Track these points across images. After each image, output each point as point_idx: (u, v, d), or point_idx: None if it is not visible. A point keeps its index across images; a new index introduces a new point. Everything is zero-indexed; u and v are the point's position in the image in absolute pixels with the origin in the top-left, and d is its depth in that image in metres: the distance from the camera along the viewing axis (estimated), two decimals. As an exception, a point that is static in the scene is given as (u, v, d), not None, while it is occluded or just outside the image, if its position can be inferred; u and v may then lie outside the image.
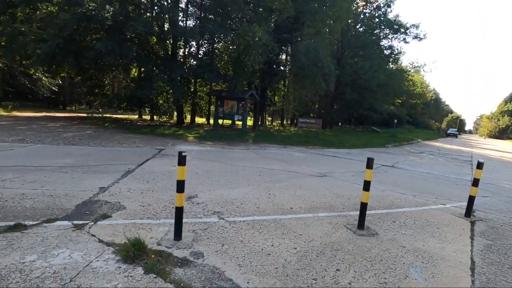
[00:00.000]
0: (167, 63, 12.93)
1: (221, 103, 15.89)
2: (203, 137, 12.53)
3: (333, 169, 7.65)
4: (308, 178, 6.26)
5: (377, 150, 13.93)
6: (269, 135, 14.65)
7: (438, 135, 42.51)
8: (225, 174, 5.94)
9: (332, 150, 12.02)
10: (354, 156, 10.75)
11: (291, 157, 9.08)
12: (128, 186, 4.62)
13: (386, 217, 4.14)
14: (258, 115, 18.63)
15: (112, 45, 10.87)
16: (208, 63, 14.80)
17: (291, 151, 10.64)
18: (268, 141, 12.79)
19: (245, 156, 8.69)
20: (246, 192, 4.78)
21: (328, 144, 13.65)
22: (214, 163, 7.04)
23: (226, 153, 8.93)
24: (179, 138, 11.84)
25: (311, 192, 5.07)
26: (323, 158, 9.61)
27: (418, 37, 21.81)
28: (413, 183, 6.71)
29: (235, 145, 11.08)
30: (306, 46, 14.04)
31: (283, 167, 7.22)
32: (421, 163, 10.46)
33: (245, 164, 7.20)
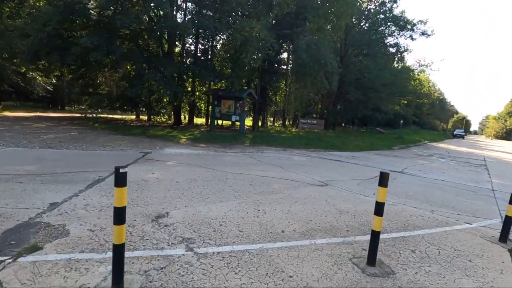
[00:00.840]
0: (160, 61, 12.17)
1: (218, 102, 15.12)
2: (197, 139, 11.76)
3: (336, 176, 6.81)
4: (306, 188, 5.43)
5: (383, 153, 13.04)
6: (268, 136, 13.83)
7: (445, 136, 41.35)
8: (211, 184, 5.14)
9: (334, 153, 11.17)
10: (359, 160, 9.90)
11: (290, 162, 8.26)
12: (87, 200, 3.84)
13: (402, 243, 3.30)
14: (257, 116, 17.81)
15: (99, 40, 10.14)
16: (203, 60, 14.00)
17: (290, 155, 9.82)
18: (266, 143, 11.98)
19: (238, 160, 7.88)
20: (231, 208, 3.98)
21: (331, 147, 12.80)
22: (201, 170, 6.25)
23: (218, 157, 8.13)
24: (171, 140, 11.08)
25: (309, 208, 4.25)
26: (325, 162, 8.77)
27: (425, 34, 20.85)
28: (428, 193, 5.85)
29: (230, 148, 10.29)
30: (307, 42, 13.21)
31: (279, 174, 6.40)
32: (432, 168, 9.58)
33: (237, 171, 6.40)
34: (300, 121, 15.71)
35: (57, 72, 17.82)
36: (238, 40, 11.95)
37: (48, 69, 16.49)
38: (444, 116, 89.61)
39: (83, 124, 13.81)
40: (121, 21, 9.90)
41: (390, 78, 20.69)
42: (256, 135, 14.14)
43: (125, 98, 12.60)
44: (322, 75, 13.80)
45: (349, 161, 9.47)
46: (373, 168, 8.43)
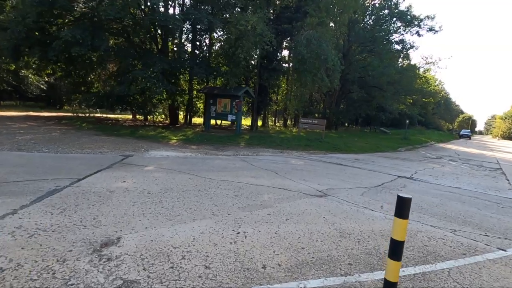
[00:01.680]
0: (149, 57, 11.43)
1: (214, 101, 14.34)
2: (188, 140, 10.99)
3: (337, 183, 5.98)
4: (302, 199, 4.62)
5: (389, 155, 12.18)
6: (266, 137, 13.02)
7: (451, 136, 40.23)
8: (188, 195, 4.35)
9: (336, 156, 10.34)
10: (363, 163, 9.06)
11: (286, 166, 7.44)
12: (23, 221, 3.06)
13: (424, 284, 2.48)
14: (256, 115, 17.00)
15: (83, 34, 9.40)
16: (197, 56, 13.21)
17: (287, 158, 9.00)
18: (263, 145, 11.17)
19: (228, 164, 7.08)
20: (204, 229, 3.18)
21: (332, 148, 11.96)
22: (182, 177, 5.46)
23: (207, 161, 7.34)
24: (160, 141, 10.32)
25: (303, 228, 3.44)
26: (326, 167, 7.94)
27: (433, 30, 19.88)
28: (445, 206, 5.01)
29: (222, 150, 9.50)
30: (308, 36, 12.38)
31: (272, 182, 5.60)
32: (444, 172, 8.70)
33: (223, 178, 5.61)
34: (300, 121, 14.88)
35: (49, 70, 17.14)
36: (233, 34, 11.15)
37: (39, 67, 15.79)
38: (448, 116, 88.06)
39: (70, 124, 13.11)
40: (105, 12, 9.16)
41: (396, 75, 19.77)
42: (253, 135, 13.34)
43: (114, 97, 11.87)
44: (323, 72, 12.96)
45: (352, 164, 8.63)
46: (379, 173, 7.59)
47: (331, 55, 12.69)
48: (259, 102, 16.68)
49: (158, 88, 10.84)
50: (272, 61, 15.52)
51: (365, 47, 22.17)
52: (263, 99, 16.94)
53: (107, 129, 12.23)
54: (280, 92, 26.19)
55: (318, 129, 14.48)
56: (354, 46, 21.62)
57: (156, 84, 10.69)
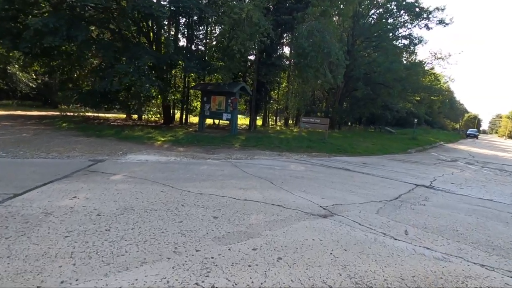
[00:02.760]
0: (135, 49, 10.38)
1: (208, 99, 13.28)
2: (177, 141, 9.94)
3: (345, 195, 4.90)
4: (301, 222, 3.54)
5: (399, 157, 11.06)
6: (264, 137, 11.94)
7: (459, 136, 38.94)
8: (150, 218, 3.29)
9: (342, 159, 9.24)
10: (373, 168, 7.96)
11: (284, 173, 6.36)
12: None
13: None
14: (254, 114, 15.92)
15: (57, 22, 8.37)
16: (188, 49, 12.12)
17: (286, 162, 7.92)
18: (259, 146, 10.10)
19: (215, 171, 6.01)
20: (150, 284, 2.12)
21: (336, 150, 10.87)
22: (153, 189, 4.41)
23: (191, 167, 6.28)
24: (145, 143, 9.27)
25: (300, 274, 2.37)
26: (330, 173, 6.85)
27: (443, 22, 18.66)
28: (486, 229, 3.91)
29: (213, 153, 8.44)
30: (309, 28, 11.27)
31: (265, 195, 4.53)
32: (466, 179, 7.58)
33: (205, 190, 4.55)
34: (302, 120, 13.79)
35: (36, 67, 16.15)
36: (227, 24, 10.07)
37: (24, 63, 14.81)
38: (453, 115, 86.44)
39: (50, 123, 12.10)
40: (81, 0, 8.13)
41: (403, 72, 18.60)
42: (250, 136, 12.26)
43: (97, 94, 10.84)
44: (325, 67, 11.84)
45: (361, 170, 7.53)
46: (393, 180, 6.50)
47: (334, 49, 11.57)
48: (257, 100, 15.60)
49: (144, 84, 9.80)
50: (271, 56, 14.43)
51: (370, 42, 20.99)
52: (261, 97, 15.87)
53: (90, 129, 11.20)
54: (281, 90, 25.09)
55: (321, 128, 13.38)
56: (359, 41, 20.46)
57: (141, 80, 9.64)
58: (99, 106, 12.35)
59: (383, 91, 21.24)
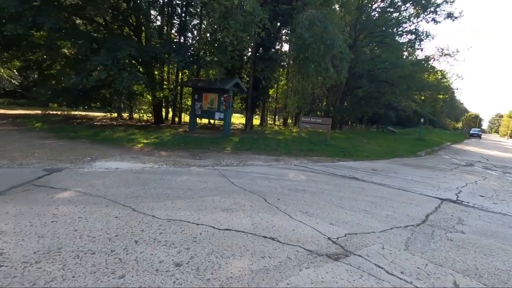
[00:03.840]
0: (115, 40, 9.23)
1: (199, 96, 12.16)
2: (162, 144, 8.81)
3: (360, 218, 3.80)
4: (303, 272, 2.44)
5: (410, 162, 9.98)
6: (260, 139, 10.83)
7: (463, 136, 37.93)
8: (76, 270, 2.18)
9: (347, 165, 8.14)
10: (385, 176, 6.86)
11: (281, 185, 5.25)
12: None
13: None
14: (250, 113, 14.78)
15: (18, 6, 7.22)
16: (174, 41, 10.93)
17: (284, 169, 6.81)
18: (254, 150, 8.98)
19: (197, 184, 4.89)
20: None
21: (340, 153, 9.77)
22: (107, 213, 3.30)
23: (168, 178, 5.16)
24: (123, 146, 8.15)
25: None
26: (337, 184, 5.75)
27: (452, 16, 17.57)
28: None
29: (200, 158, 7.33)
30: (310, 17, 10.14)
31: (255, 220, 3.43)
32: (495, 190, 6.49)
33: (177, 213, 3.45)
34: (302, 120, 12.67)
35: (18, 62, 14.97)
36: (217, 12, 8.94)
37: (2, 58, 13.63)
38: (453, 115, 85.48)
39: (24, 123, 10.95)
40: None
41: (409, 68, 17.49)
42: (245, 137, 11.14)
43: (75, 91, 9.68)
44: (328, 61, 10.72)
45: (371, 179, 6.43)
46: (412, 193, 5.40)
47: (338, 40, 10.45)
48: (253, 97, 14.48)
49: (125, 80, 8.67)
50: (268, 50, 13.30)
51: (373, 37, 19.86)
52: (258, 95, 14.75)
53: (66, 129, 10.06)
54: (280, 88, 23.95)
55: (323, 129, 12.28)
56: (362, 36, 19.35)
57: (121, 75, 8.51)
58: (77, 105, 11.18)
59: (388, 89, 20.14)
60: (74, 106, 11.49)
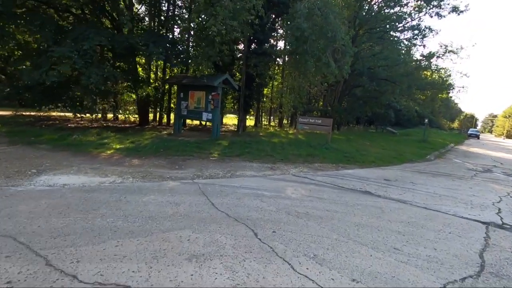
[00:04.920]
0: (82, 28, 7.90)
1: (185, 95, 10.90)
2: (137, 149, 7.52)
3: (391, 266, 2.61)
4: None
5: (423, 168, 8.84)
6: (253, 142, 9.60)
7: (462, 136, 37.22)
8: None
9: (354, 173, 6.96)
10: (403, 188, 5.69)
11: (277, 206, 4.02)
12: None
13: None
14: (242, 113, 13.53)
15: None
16: (153, 31, 9.60)
17: (280, 181, 5.58)
18: (246, 156, 7.75)
19: (164, 208, 3.64)
20: None
21: (344, 159, 8.60)
22: (-10, 277, 2.02)
23: (129, 199, 3.90)
24: (88, 153, 6.85)
25: None
26: (347, 203, 4.55)
27: (457, 10, 16.59)
28: None
29: (179, 168, 6.08)
30: (309, 4, 8.96)
31: (240, 277, 2.20)
32: (535, 205, 5.35)
33: (114, 268, 2.20)
34: (299, 120, 11.48)
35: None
36: (202, -5, 7.71)
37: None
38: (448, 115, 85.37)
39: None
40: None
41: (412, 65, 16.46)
42: (236, 140, 9.90)
43: (37, 88, 8.29)
44: (329, 55, 9.55)
45: (388, 192, 5.24)
46: (445, 214, 4.23)
47: (340, 32, 9.30)
48: (246, 96, 13.24)
49: (93, 75, 7.36)
50: (263, 44, 12.09)
51: (373, 33, 18.79)
52: (252, 93, 13.53)
53: (28, 133, 8.69)
54: (275, 87, 22.73)
55: (322, 130, 11.11)
56: (362, 31, 18.27)
57: (88, 69, 7.22)
58: (40, 105, 9.68)
59: (389, 88, 19.10)
60: (38, 106, 10.06)
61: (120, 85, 12.98)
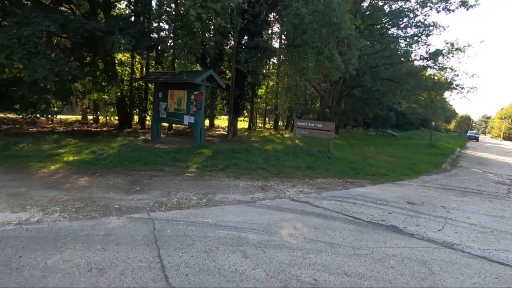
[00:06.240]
0: (24, 12, 6.32)
1: (164, 95, 9.38)
2: (95, 162, 5.97)
3: None
4: None
5: (445, 181, 7.44)
6: (242, 151, 8.11)
7: (461, 139, 36.24)
8: None
9: (368, 193, 5.51)
10: (437, 218, 4.26)
11: (267, 269, 2.53)
12: None
13: None
14: (232, 116, 12.00)
15: None
16: (119, 16, 7.98)
17: (273, 211, 4.08)
18: (231, 170, 6.25)
19: (78, 278, 2.11)
20: None
21: (351, 172, 7.16)
22: None
23: (27, 260, 2.37)
24: (25, 169, 5.31)
25: None
26: (372, 252, 3.09)
27: (466, 4, 15.37)
28: None
29: (140, 190, 4.56)
30: (310, -13, 7.52)
31: None
32: None
33: None
34: (297, 124, 10.01)
35: None
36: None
37: None
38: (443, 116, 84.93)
39: None
40: None
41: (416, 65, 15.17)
42: (223, 148, 8.39)
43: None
44: (333, 47, 8.12)
45: (421, 228, 3.80)
46: None
47: (345, 20, 7.90)
48: (237, 97, 11.76)
49: (39, 68, 5.84)
50: (255, 36, 10.61)
51: (375, 30, 17.49)
52: (243, 93, 12.06)
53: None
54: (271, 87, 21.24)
55: (323, 136, 9.64)
56: (363, 27, 16.94)
57: (31, 60, 5.70)
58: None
59: (392, 88, 17.81)
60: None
61: (87, 84, 11.42)
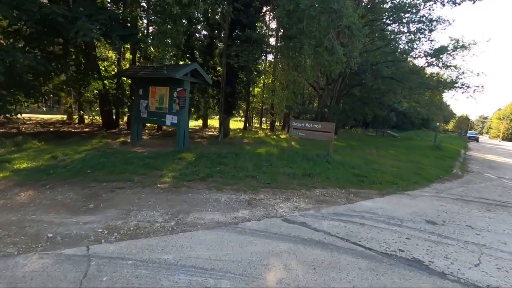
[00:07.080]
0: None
1: (145, 92, 8.41)
2: (46, 172, 4.99)
3: None
4: None
5: (461, 191, 6.54)
6: (231, 156, 7.15)
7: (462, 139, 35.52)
8: None
9: (377, 209, 4.58)
10: (465, 242, 3.35)
11: None
12: None
13: None
14: (223, 115, 11.02)
15: None
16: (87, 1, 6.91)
17: (258, 239, 3.13)
18: (216, 178, 5.30)
19: None
20: None
21: (354, 179, 6.24)
22: None
23: None
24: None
25: None
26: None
27: (472, -3, 14.52)
28: None
29: (95, 207, 3.60)
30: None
31: None
32: None
33: None
34: (293, 125, 9.07)
35: None
36: None
37: None
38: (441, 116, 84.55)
39: None
40: None
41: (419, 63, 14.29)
42: (209, 152, 7.43)
43: None
44: (333, 37, 7.19)
45: (450, 261, 2.88)
46: None
47: (348, 8, 6.98)
48: (228, 94, 10.80)
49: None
50: (246, 27, 9.62)
51: (376, 25, 16.62)
52: (234, 91, 11.11)
53: None
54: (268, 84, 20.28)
55: (322, 138, 8.70)
56: (364, 22, 16.05)
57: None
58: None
59: (392, 87, 16.95)
60: None
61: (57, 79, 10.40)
